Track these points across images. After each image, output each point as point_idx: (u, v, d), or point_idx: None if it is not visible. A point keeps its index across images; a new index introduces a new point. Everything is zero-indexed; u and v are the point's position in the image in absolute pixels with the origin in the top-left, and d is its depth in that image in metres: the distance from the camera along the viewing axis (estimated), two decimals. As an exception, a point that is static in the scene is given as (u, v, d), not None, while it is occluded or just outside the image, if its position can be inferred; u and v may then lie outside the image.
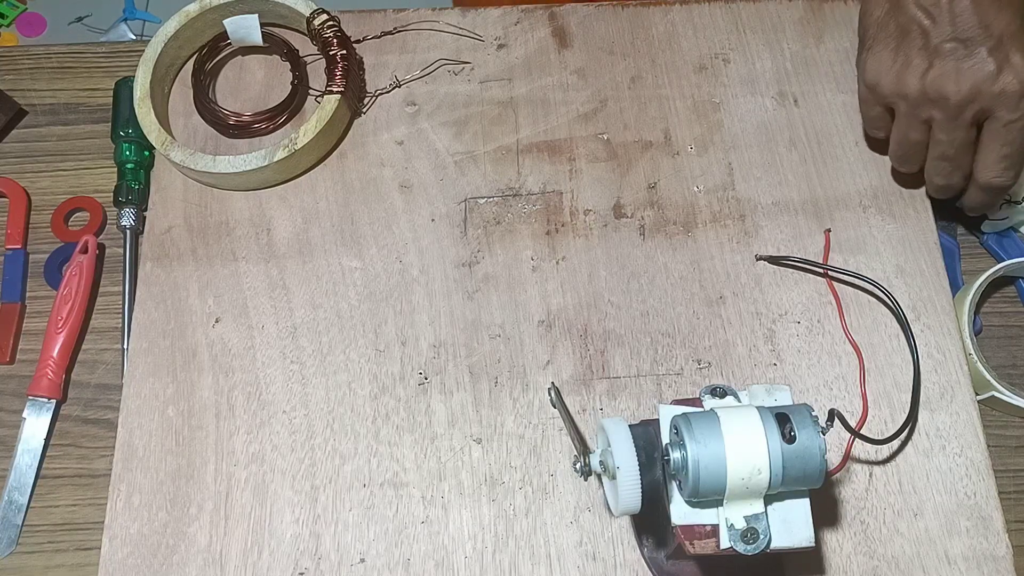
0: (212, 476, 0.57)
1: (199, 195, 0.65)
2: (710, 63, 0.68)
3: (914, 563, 0.54)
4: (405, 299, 0.61)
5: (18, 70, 0.72)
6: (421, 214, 0.64)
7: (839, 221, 0.62)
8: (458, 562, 0.55)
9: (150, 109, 0.64)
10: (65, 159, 0.69)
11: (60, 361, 0.61)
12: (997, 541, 0.54)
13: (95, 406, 0.62)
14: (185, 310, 0.61)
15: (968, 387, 0.58)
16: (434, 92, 0.68)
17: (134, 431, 0.58)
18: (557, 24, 0.70)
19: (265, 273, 0.62)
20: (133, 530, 0.56)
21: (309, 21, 0.66)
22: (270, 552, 0.55)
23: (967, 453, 0.56)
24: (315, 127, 0.63)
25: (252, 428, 0.58)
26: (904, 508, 0.55)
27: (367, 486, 0.56)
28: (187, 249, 0.63)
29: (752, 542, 0.43)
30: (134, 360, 0.60)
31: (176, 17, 0.67)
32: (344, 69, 0.65)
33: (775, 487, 0.43)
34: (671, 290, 0.61)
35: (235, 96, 0.68)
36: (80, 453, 0.60)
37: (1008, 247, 0.64)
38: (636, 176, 0.64)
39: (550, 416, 0.58)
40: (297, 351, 0.60)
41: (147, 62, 0.65)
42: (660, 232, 0.62)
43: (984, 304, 0.63)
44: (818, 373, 0.58)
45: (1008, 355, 0.62)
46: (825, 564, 0.54)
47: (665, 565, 0.53)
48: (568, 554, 0.54)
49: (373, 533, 0.55)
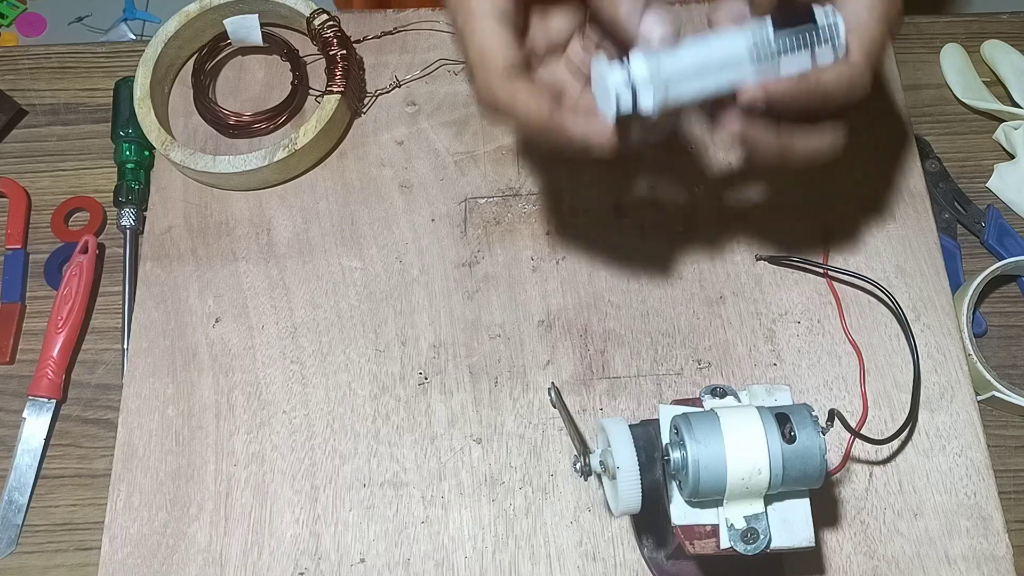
0: (212, 476, 0.57)
1: (199, 195, 0.65)
2: (710, 63, 0.68)
3: (914, 563, 0.54)
4: (405, 299, 0.61)
5: (18, 70, 0.72)
6: (421, 214, 0.64)
7: (839, 221, 0.62)
8: (458, 562, 0.55)
9: (150, 109, 0.64)
10: (65, 159, 0.69)
11: (60, 361, 0.61)
12: (997, 541, 0.54)
13: (95, 406, 0.62)
14: (185, 310, 0.61)
15: (968, 387, 0.58)
16: (434, 92, 0.67)
17: (134, 431, 0.58)
18: (557, 24, 0.70)
19: (265, 273, 0.62)
20: (133, 530, 0.56)
21: (309, 21, 0.66)
22: (270, 552, 0.55)
23: (967, 453, 0.56)
24: (315, 127, 0.63)
25: (252, 428, 0.58)
26: (904, 508, 0.55)
27: (367, 486, 0.56)
28: (187, 249, 0.63)
29: (752, 542, 0.43)
30: (134, 360, 0.60)
31: (176, 17, 0.67)
32: (344, 69, 0.65)
33: (775, 487, 0.43)
34: (671, 290, 0.61)
35: (235, 96, 0.68)
36: (80, 453, 0.60)
37: (1008, 246, 0.64)
38: (636, 176, 0.64)
39: (550, 416, 0.58)
40: (297, 351, 0.60)
41: (147, 62, 0.65)
42: (660, 232, 0.62)
43: (984, 304, 0.63)
44: (818, 373, 0.58)
45: (1008, 355, 0.62)
46: (825, 564, 0.54)
47: (665, 565, 0.53)
48: (568, 554, 0.54)
49: (373, 533, 0.55)
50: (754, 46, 0.42)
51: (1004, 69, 0.70)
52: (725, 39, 0.43)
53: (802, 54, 0.43)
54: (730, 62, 0.43)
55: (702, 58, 0.42)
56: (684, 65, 0.42)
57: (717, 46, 0.43)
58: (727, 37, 0.43)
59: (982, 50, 0.71)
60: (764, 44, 0.42)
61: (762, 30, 0.43)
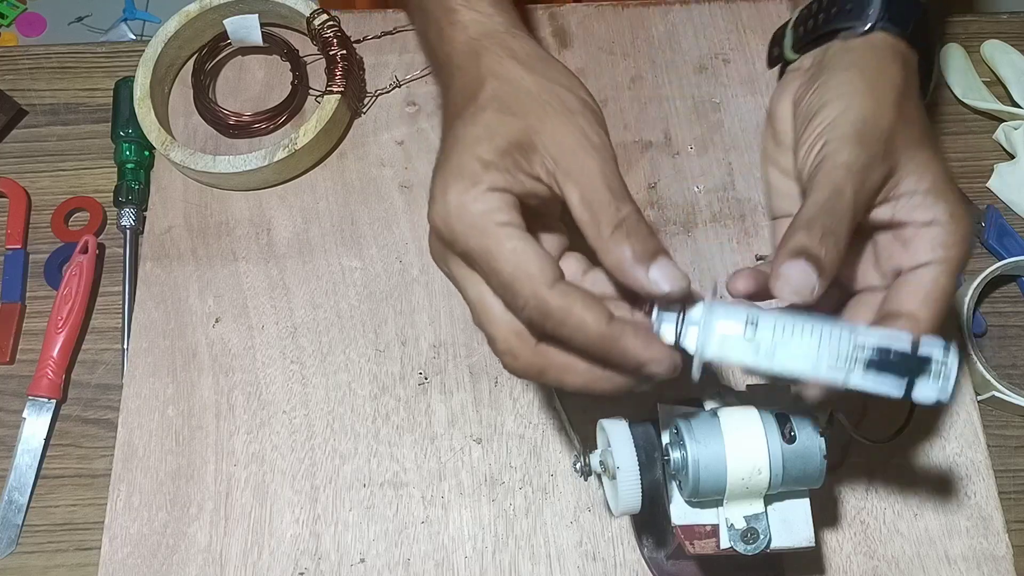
0: (212, 476, 0.57)
1: (199, 195, 0.65)
2: (710, 63, 0.68)
3: (914, 563, 0.54)
4: (405, 299, 0.61)
5: (18, 70, 0.72)
6: (421, 214, 0.63)
7: (839, 221, 0.62)
8: (458, 562, 0.55)
9: (150, 109, 0.64)
10: (65, 159, 0.69)
11: (60, 361, 0.61)
12: (997, 541, 0.54)
13: (95, 406, 0.62)
14: (185, 310, 0.61)
15: (968, 387, 0.58)
16: (434, 92, 0.67)
17: (134, 431, 0.58)
18: (557, 24, 0.70)
19: (265, 273, 0.62)
20: (133, 530, 0.56)
21: (309, 21, 0.66)
22: (270, 552, 0.55)
23: (967, 453, 0.56)
24: (315, 127, 0.63)
25: (252, 428, 0.58)
26: (904, 508, 0.55)
27: (367, 486, 0.56)
28: (187, 249, 0.63)
29: (752, 542, 0.43)
30: (134, 360, 0.60)
31: (176, 17, 0.67)
32: (344, 69, 0.65)
33: (775, 487, 0.43)
34: (671, 290, 0.61)
35: (235, 96, 0.68)
36: (80, 453, 0.60)
37: (1008, 246, 0.64)
38: (636, 176, 0.64)
39: (550, 416, 0.58)
40: (297, 351, 0.60)
41: (147, 62, 0.65)
42: (660, 232, 0.62)
43: (984, 304, 0.63)
44: (818, 373, 0.58)
45: (1008, 355, 0.62)
46: (825, 564, 0.54)
47: (665, 565, 0.53)
48: (568, 554, 0.54)
49: (373, 533, 0.55)
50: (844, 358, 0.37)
51: (1004, 69, 0.70)
52: (816, 338, 0.37)
53: (893, 381, 0.37)
54: (808, 359, 0.37)
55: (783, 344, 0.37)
56: (759, 343, 0.37)
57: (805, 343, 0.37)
58: (819, 334, 0.37)
59: (982, 50, 0.71)
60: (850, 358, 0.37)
61: (856, 336, 0.37)
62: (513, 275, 0.38)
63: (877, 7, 0.44)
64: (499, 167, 0.39)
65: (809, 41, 0.46)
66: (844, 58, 0.44)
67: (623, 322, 0.38)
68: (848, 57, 0.44)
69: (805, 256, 0.36)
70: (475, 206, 0.38)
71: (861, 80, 0.42)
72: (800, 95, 0.44)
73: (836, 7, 0.45)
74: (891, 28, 0.44)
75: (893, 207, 0.41)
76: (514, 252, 0.38)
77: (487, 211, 0.38)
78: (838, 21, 0.45)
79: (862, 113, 0.40)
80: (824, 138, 0.41)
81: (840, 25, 0.45)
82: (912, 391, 0.37)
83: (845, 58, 0.44)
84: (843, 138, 0.40)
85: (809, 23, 0.47)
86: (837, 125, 0.41)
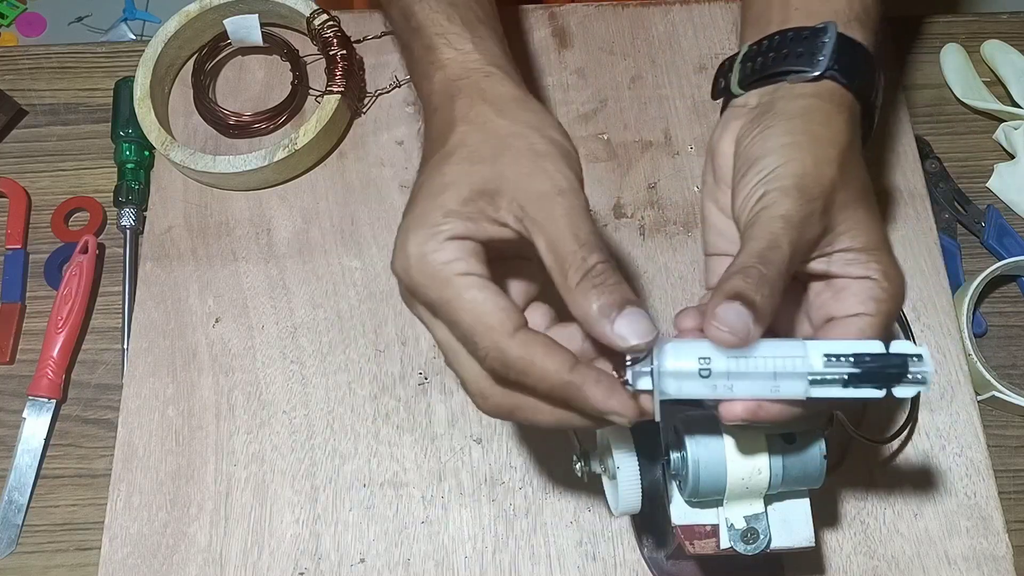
0: (212, 476, 0.57)
1: (199, 195, 0.65)
2: (710, 63, 0.68)
3: (914, 563, 0.54)
4: (405, 299, 0.61)
5: (18, 70, 0.72)
6: (421, 214, 0.64)
7: (839, 221, 0.62)
8: (458, 562, 0.55)
9: (150, 109, 0.64)
10: (65, 159, 0.69)
11: (60, 361, 0.61)
12: (997, 541, 0.54)
13: (95, 406, 0.62)
14: (185, 310, 0.61)
15: (968, 387, 0.58)
16: (434, 92, 0.67)
17: (134, 431, 0.58)
18: (557, 24, 0.70)
19: (265, 273, 0.62)
20: (133, 530, 0.56)
21: (309, 21, 0.66)
22: (270, 552, 0.55)
23: (967, 453, 0.56)
24: (315, 127, 0.63)
25: (252, 428, 0.58)
26: (904, 508, 0.55)
27: (367, 486, 0.56)
28: (187, 249, 0.63)
29: (752, 542, 0.43)
30: (134, 360, 0.60)
31: (176, 17, 0.67)
32: (344, 69, 0.65)
33: (775, 487, 0.43)
34: (671, 290, 0.61)
35: (235, 96, 0.68)
36: (80, 453, 0.60)
37: (1008, 246, 0.64)
38: (636, 176, 0.64)
39: (550, 416, 0.58)
40: (297, 351, 0.60)
41: (147, 62, 0.65)
42: (660, 232, 0.62)
43: (984, 304, 0.63)
44: (818, 373, 0.58)
45: (1008, 355, 0.62)
46: (825, 564, 0.54)
47: (665, 565, 0.53)
48: (568, 554, 0.54)
49: (373, 533, 0.55)
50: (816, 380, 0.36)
51: (1004, 69, 0.70)
52: (771, 362, 0.36)
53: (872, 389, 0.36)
54: (766, 386, 0.36)
55: (739, 377, 0.36)
56: (715, 379, 0.36)
57: (761, 368, 0.36)
58: (788, 358, 0.36)
59: (982, 50, 0.71)
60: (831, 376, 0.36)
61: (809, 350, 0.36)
62: (472, 326, 0.38)
63: (828, 55, 0.43)
64: (461, 215, 0.39)
65: (757, 79, 0.45)
66: (791, 105, 0.43)
67: (586, 369, 0.37)
68: (795, 105, 0.43)
69: (740, 300, 0.36)
70: (435, 256, 0.38)
71: (806, 132, 0.41)
72: (743, 134, 0.43)
73: (787, 49, 0.44)
74: (839, 78, 0.43)
75: (828, 261, 0.41)
76: (473, 303, 0.38)
77: (447, 261, 0.38)
78: (788, 63, 0.44)
79: (804, 167, 0.40)
80: (764, 188, 0.40)
81: (790, 67, 0.44)
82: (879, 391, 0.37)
83: (792, 105, 0.43)
84: (783, 191, 0.39)
85: (758, 60, 0.46)
86: (779, 176, 0.40)
